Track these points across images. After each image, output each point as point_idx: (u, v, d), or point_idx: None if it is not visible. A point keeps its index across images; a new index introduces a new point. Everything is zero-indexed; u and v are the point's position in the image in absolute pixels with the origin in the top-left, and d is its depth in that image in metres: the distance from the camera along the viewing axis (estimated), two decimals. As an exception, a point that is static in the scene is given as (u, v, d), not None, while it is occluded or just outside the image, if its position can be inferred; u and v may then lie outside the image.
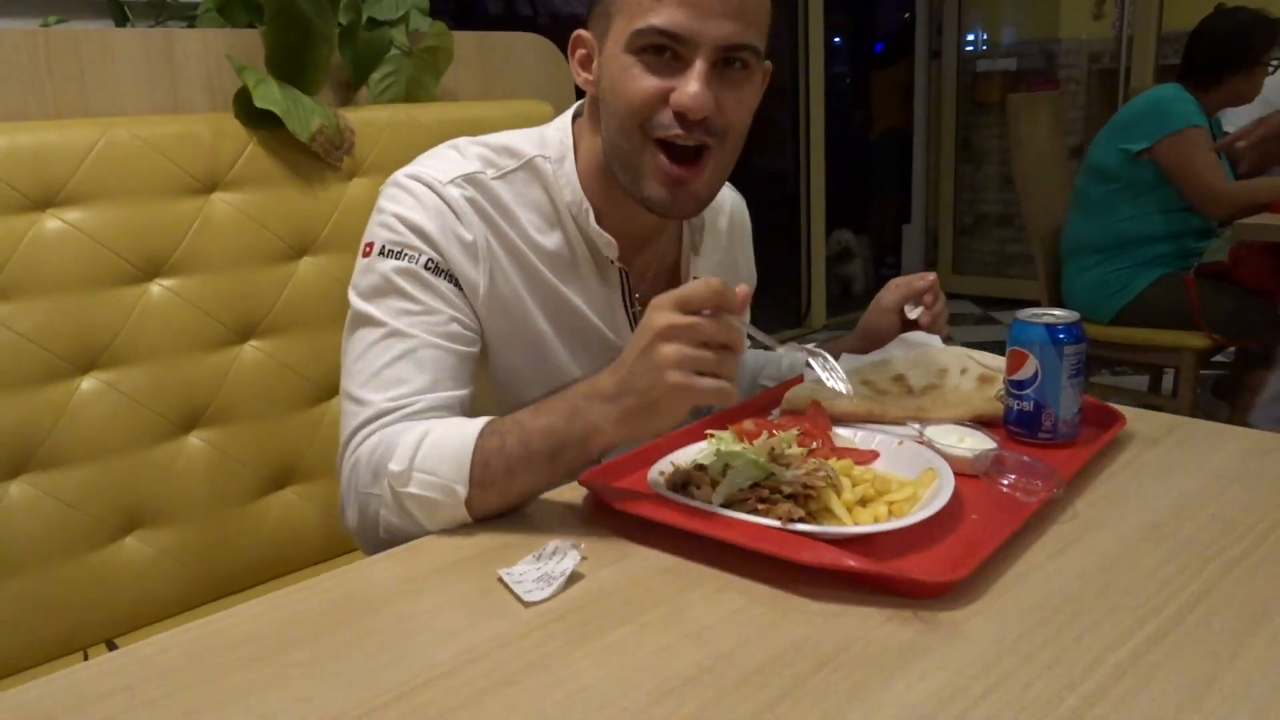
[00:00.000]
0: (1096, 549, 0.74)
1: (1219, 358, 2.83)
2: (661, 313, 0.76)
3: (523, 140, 1.01)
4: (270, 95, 1.25)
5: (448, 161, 0.97)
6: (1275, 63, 2.61)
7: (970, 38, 5.18)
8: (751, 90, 0.94)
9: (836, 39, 5.76)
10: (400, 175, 0.97)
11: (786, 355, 1.26)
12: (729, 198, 1.19)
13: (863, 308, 1.20)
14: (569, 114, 1.03)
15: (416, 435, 0.84)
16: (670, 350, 0.75)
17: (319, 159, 1.31)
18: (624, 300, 1.04)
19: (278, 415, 1.29)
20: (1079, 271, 2.67)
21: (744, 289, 0.78)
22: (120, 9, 1.46)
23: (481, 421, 0.84)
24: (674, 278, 1.08)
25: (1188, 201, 2.51)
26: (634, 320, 1.05)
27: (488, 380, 1.00)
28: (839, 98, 5.06)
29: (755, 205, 1.25)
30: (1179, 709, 0.55)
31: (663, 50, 0.88)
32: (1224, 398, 2.98)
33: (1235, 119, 2.86)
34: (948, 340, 1.11)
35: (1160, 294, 2.53)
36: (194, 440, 1.23)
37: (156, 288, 1.20)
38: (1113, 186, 2.56)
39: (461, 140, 1.01)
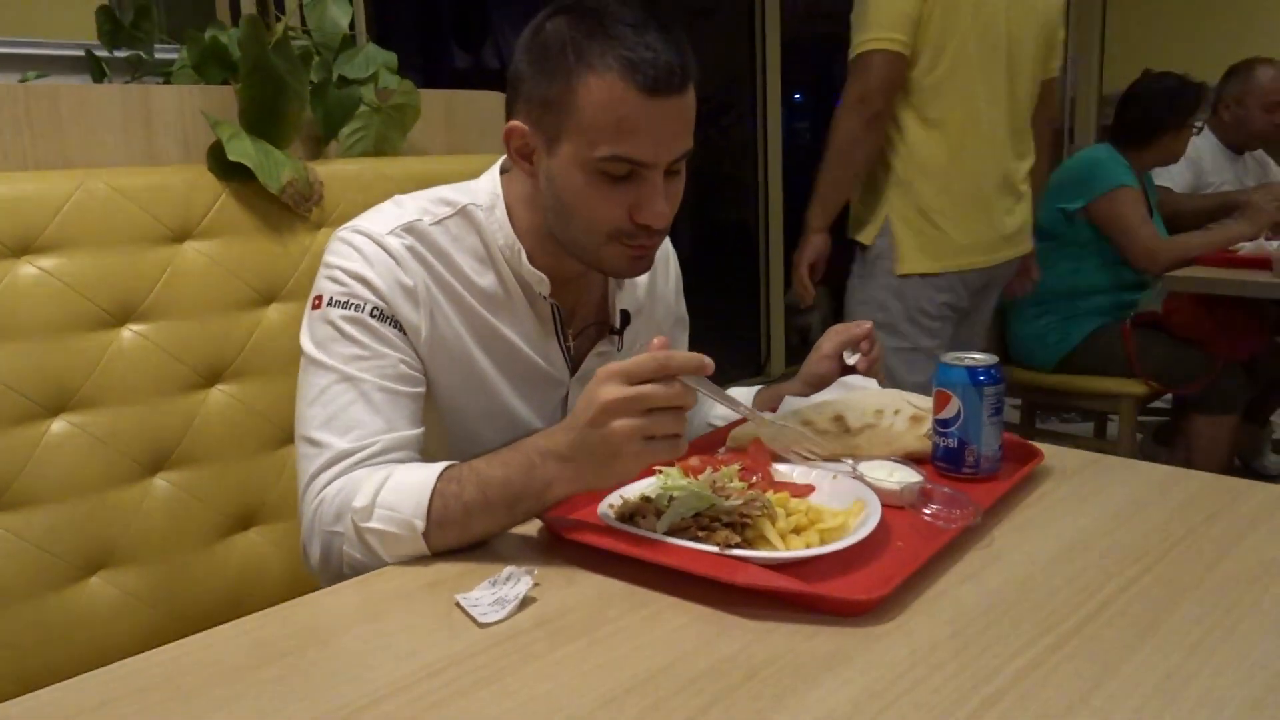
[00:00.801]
0: (1006, 572, 0.80)
1: (1160, 404, 2.95)
2: (607, 386, 0.80)
3: (455, 191, 1.08)
4: (243, 149, 1.30)
5: (387, 214, 1.04)
6: (1199, 124, 2.76)
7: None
8: (683, 179, 1.01)
9: (796, 95, 5.95)
10: (343, 231, 1.04)
11: (734, 394, 1.32)
12: None
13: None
14: (496, 167, 1.11)
15: (380, 476, 0.90)
16: (618, 425, 0.80)
17: (289, 210, 1.36)
18: (557, 333, 1.11)
19: (243, 458, 1.32)
20: (1023, 322, 2.78)
21: (663, 339, 0.83)
22: (98, 65, 1.51)
23: (442, 466, 0.89)
24: (602, 310, 1.16)
25: (1124, 257, 2.63)
26: (567, 352, 1.12)
27: (434, 416, 1.05)
28: (797, 152, 5.21)
29: (715, 257, 1.33)
30: (1070, 707, 0.61)
31: (624, 172, 0.95)
32: (1165, 444, 3.10)
33: (1166, 176, 3.02)
34: (883, 383, 1.19)
35: (1099, 343, 2.64)
36: (160, 482, 1.26)
37: (128, 333, 1.23)
38: (1051, 243, 2.68)
39: (400, 195, 1.08)
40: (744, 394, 1.31)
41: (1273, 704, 0.61)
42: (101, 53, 1.51)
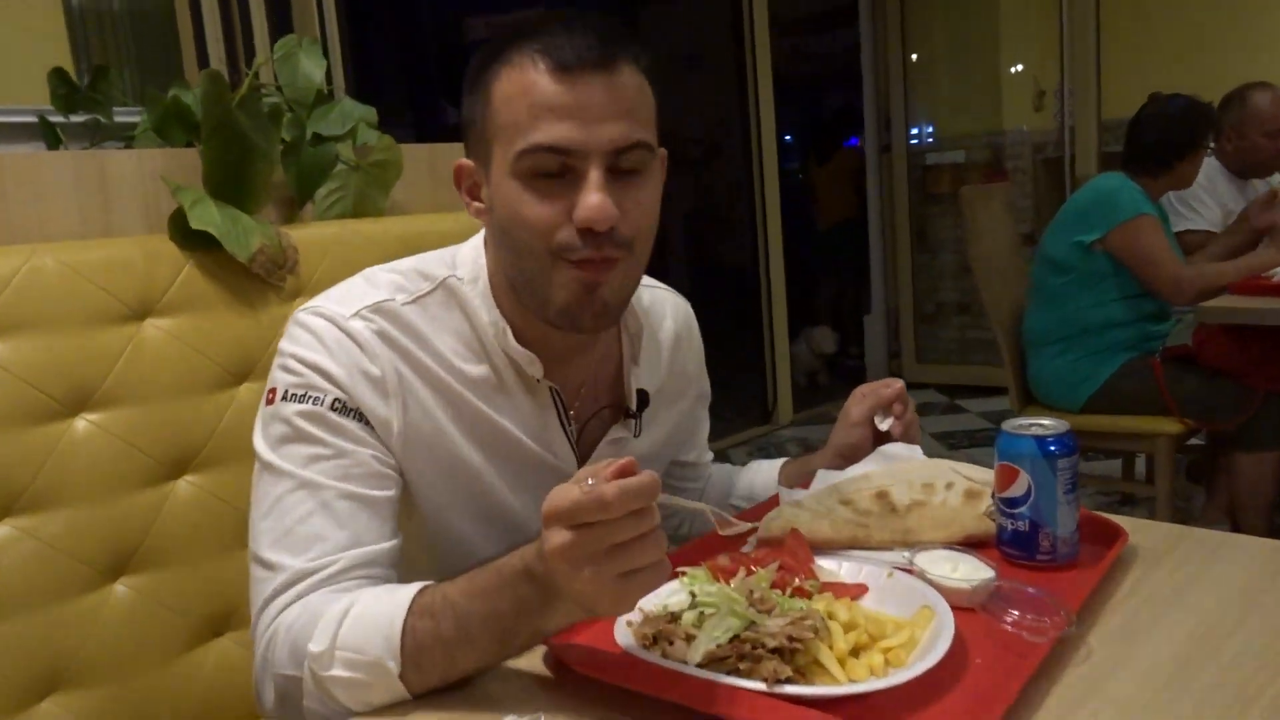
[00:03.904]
0: (1119, 697, 0.66)
1: (1192, 440, 2.81)
2: (550, 533, 0.66)
3: (434, 262, 0.96)
4: (207, 215, 1.19)
5: (353, 293, 0.92)
6: (1211, 146, 2.67)
7: (916, 131, 5.33)
8: (651, 189, 0.88)
9: (787, 136, 5.91)
10: (301, 312, 0.91)
11: (756, 468, 1.20)
12: (671, 303, 1.13)
13: (829, 400, 1.15)
14: (482, 232, 0.98)
15: (339, 610, 0.76)
16: (585, 575, 0.65)
17: (260, 279, 1.25)
18: (560, 420, 0.97)
19: (214, 555, 1.20)
20: (1044, 361, 2.66)
21: (626, 461, 0.66)
22: (52, 131, 1.41)
23: (410, 592, 0.75)
24: (616, 389, 1.02)
25: (1148, 288, 2.52)
26: (573, 440, 0.99)
27: (417, 522, 0.93)
28: (793, 193, 5.14)
29: (717, 304, 1.20)
30: None
31: (553, 168, 0.83)
32: (1199, 481, 2.96)
33: (1198, 219, 2.92)
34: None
35: (1128, 380, 2.52)
36: (120, 588, 1.13)
37: (81, 423, 1.11)
38: (1069, 277, 2.57)
39: (372, 269, 0.96)
40: (768, 470, 1.17)
41: None
42: (57, 118, 1.40)
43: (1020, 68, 4.97)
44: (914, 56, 5.25)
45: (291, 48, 1.46)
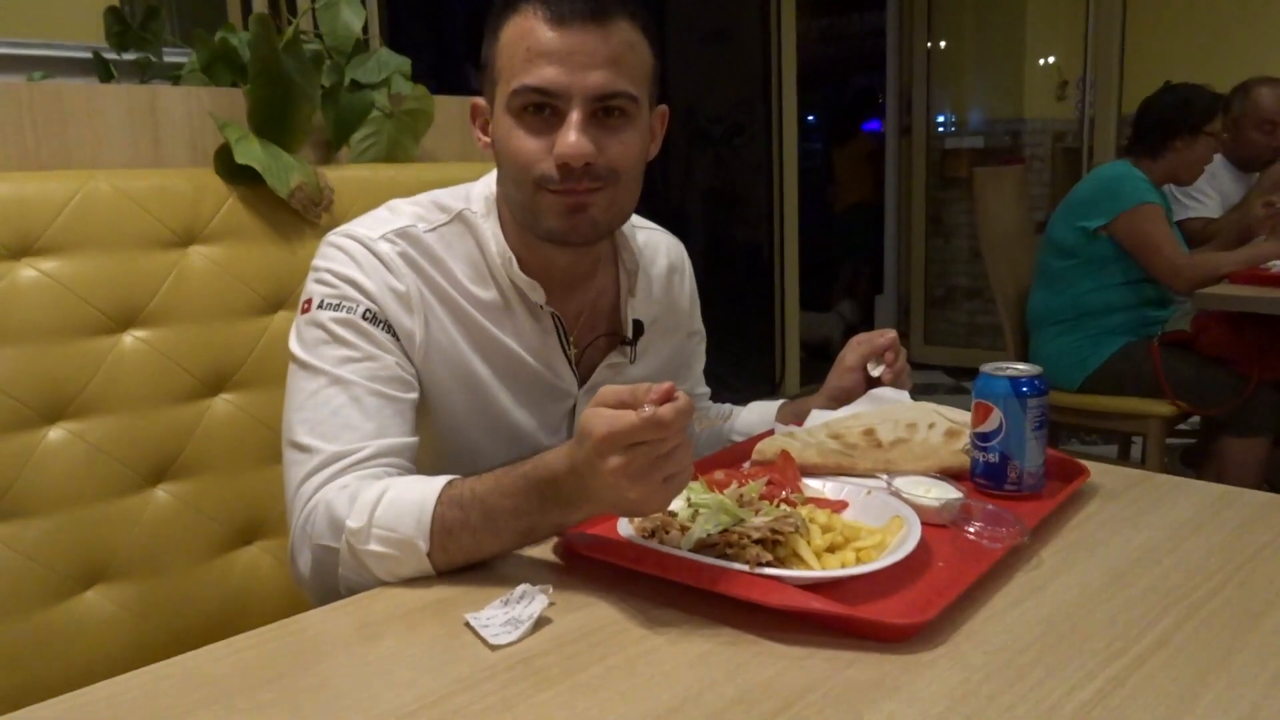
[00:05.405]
0: (1060, 595, 0.74)
1: (1185, 426, 2.87)
2: (609, 454, 0.72)
3: (451, 196, 1.05)
4: (251, 151, 1.27)
5: (379, 220, 1.01)
6: (1224, 135, 2.70)
7: (939, 118, 5.35)
8: (635, 133, 0.96)
9: (809, 117, 5.95)
10: (333, 235, 1.01)
11: (755, 408, 1.27)
12: (665, 242, 1.21)
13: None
14: (494, 172, 1.06)
15: (375, 492, 0.84)
16: (639, 486, 0.73)
17: (298, 215, 1.32)
18: (560, 343, 1.06)
19: (247, 469, 1.28)
20: (1045, 341, 2.72)
21: (670, 385, 0.73)
22: (105, 68, 1.48)
23: (440, 482, 0.84)
24: (614, 319, 1.11)
25: (1150, 275, 2.57)
26: (572, 362, 1.07)
27: (428, 429, 1.01)
28: (812, 173, 5.18)
29: (732, 278, 1.26)
30: (1142, 748, 0.55)
31: (541, 108, 0.92)
32: (1193, 466, 3.02)
33: (1201, 208, 2.96)
34: (912, 394, 1.13)
35: (1125, 362, 2.58)
36: (161, 493, 1.21)
37: (129, 338, 1.19)
38: (1073, 261, 2.63)
39: (395, 200, 1.06)
40: (766, 409, 1.25)
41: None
42: (109, 55, 1.48)
43: (1047, 60, 4.98)
44: (942, 44, 5.26)
45: (333, -2, 1.53)
